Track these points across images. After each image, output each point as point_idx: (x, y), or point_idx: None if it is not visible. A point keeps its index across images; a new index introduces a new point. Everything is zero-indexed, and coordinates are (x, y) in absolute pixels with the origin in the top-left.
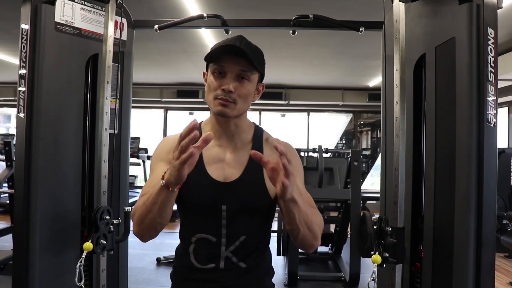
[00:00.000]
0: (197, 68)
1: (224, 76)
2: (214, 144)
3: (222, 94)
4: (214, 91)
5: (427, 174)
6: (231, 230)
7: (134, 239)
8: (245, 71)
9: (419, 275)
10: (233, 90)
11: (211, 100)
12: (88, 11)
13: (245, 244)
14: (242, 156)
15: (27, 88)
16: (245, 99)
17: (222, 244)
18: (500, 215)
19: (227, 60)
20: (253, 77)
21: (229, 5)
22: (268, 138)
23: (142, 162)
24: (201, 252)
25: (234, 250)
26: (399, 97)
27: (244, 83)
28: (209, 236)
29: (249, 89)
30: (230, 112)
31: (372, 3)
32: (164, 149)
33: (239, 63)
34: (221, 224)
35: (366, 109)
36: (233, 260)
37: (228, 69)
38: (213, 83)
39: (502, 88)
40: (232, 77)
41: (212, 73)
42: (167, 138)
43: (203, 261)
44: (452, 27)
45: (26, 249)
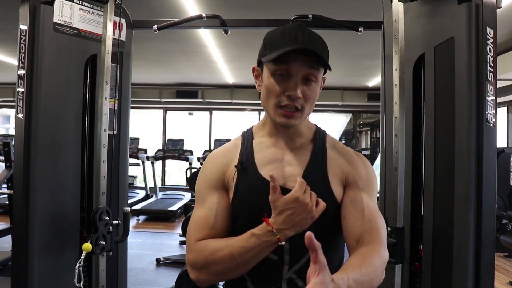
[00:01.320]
0: (196, 68)
1: (289, 79)
2: (269, 144)
3: (287, 101)
4: (277, 98)
5: (427, 174)
6: (295, 245)
7: (133, 239)
8: (314, 67)
9: (419, 275)
10: (301, 96)
11: (271, 107)
12: (86, 11)
13: None
14: (302, 155)
15: (25, 88)
16: (312, 103)
17: (285, 263)
18: (500, 215)
19: (292, 60)
20: (320, 75)
21: (228, 5)
22: (337, 144)
23: (142, 163)
24: (258, 275)
25: (299, 270)
26: (398, 97)
27: (312, 85)
28: (269, 254)
29: (316, 92)
30: (297, 122)
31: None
32: (212, 172)
33: (307, 63)
34: None
35: (365, 109)
36: (298, 283)
37: (293, 71)
38: (275, 88)
39: (501, 87)
40: (299, 80)
41: (272, 75)
42: (213, 157)
43: (261, 286)
44: (451, 27)
45: (25, 250)
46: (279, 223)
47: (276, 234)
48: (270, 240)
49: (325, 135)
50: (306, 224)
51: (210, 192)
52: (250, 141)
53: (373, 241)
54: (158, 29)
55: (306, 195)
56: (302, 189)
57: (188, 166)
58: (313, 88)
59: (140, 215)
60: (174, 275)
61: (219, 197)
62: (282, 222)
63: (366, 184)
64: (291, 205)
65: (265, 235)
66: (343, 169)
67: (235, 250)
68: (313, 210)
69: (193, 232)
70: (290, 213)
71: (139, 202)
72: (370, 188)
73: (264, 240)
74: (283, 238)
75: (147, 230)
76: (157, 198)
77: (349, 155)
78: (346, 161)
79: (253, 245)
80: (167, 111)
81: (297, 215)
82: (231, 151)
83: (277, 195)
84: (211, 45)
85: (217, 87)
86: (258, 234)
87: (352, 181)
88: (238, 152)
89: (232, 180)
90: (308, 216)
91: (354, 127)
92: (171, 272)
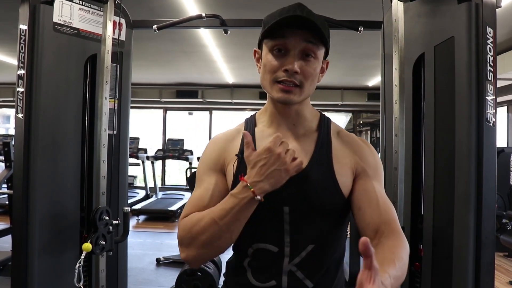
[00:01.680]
0: (196, 68)
1: (286, 54)
2: (271, 133)
3: (285, 76)
4: (273, 73)
5: (427, 173)
6: (296, 238)
7: (133, 239)
8: (312, 42)
9: (419, 274)
10: (299, 71)
11: (268, 84)
12: (86, 11)
13: (314, 255)
14: (307, 144)
15: (25, 88)
16: (311, 81)
17: (285, 255)
18: (500, 214)
19: (289, 34)
20: (320, 53)
21: (228, 5)
22: (341, 132)
23: (142, 163)
24: (259, 266)
25: (299, 263)
26: (398, 97)
27: (310, 61)
28: (269, 246)
29: (316, 68)
30: (296, 98)
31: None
32: (212, 155)
33: (304, 37)
34: (284, 229)
35: (365, 109)
36: (298, 276)
37: (291, 45)
38: (272, 63)
39: (501, 87)
40: (296, 54)
41: (270, 51)
42: (215, 141)
43: (262, 278)
44: (451, 27)
45: (25, 250)
46: (253, 176)
47: (250, 187)
48: (247, 196)
49: (329, 122)
50: (281, 177)
51: (208, 174)
52: (252, 129)
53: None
54: (158, 29)
55: (280, 147)
56: (276, 142)
57: (188, 166)
58: (312, 64)
59: (140, 215)
60: (174, 275)
61: (217, 179)
62: (256, 175)
63: (375, 172)
64: (263, 155)
65: (241, 192)
66: (349, 158)
67: (216, 214)
68: (286, 162)
69: (185, 210)
70: (262, 163)
71: (139, 202)
72: (379, 175)
73: (241, 197)
74: (258, 191)
75: (147, 230)
76: (157, 198)
77: (355, 143)
78: (352, 150)
79: (232, 205)
80: (167, 111)
81: (270, 166)
82: (234, 137)
83: (250, 151)
84: (211, 45)
85: (217, 87)
86: (235, 193)
87: (361, 171)
88: (239, 140)
89: (232, 168)
90: (282, 168)
91: (354, 126)
92: (171, 272)
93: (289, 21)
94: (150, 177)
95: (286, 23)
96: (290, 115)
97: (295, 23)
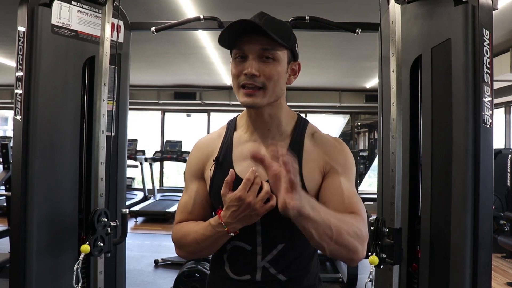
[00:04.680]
0: (194, 70)
1: (246, 60)
2: (247, 139)
3: (245, 79)
4: (237, 78)
5: (424, 175)
6: (267, 237)
7: (131, 241)
8: (268, 49)
9: (416, 275)
10: (257, 73)
11: (236, 89)
12: (84, 13)
13: (284, 253)
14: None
15: (24, 90)
16: (275, 82)
17: (258, 253)
18: (497, 216)
19: (245, 41)
20: (280, 55)
21: (226, 7)
22: (315, 133)
23: (140, 164)
24: (236, 262)
25: (272, 260)
26: (396, 98)
27: (270, 63)
28: (243, 244)
29: (277, 70)
30: (259, 101)
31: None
32: (194, 162)
33: (259, 41)
34: (256, 230)
35: (363, 110)
36: (271, 272)
37: (248, 51)
38: (235, 69)
39: (498, 88)
40: (254, 58)
41: (233, 59)
42: (198, 146)
43: (238, 272)
44: (448, 29)
45: (23, 251)
46: (227, 217)
47: (225, 226)
48: (221, 231)
49: (305, 125)
50: (252, 220)
51: (191, 180)
52: (231, 133)
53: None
54: (156, 31)
55: (250, 194)
56: (245, 188)
57: None
58: (273, 66)
59: (138, 216)
60: (172, 277)
61: (198, 186)
62: (229, 217)
63: (345, 169)
64: (234, 202)
65: (217, 226)
66: (319, 161)
67: (198, 236)
68: (256, 208)
69: (176, 215)
70: (234, 209)
71: (137, 203)
72: (348, 173)
73: (217, 230)
74: (231, 230)
75: (145, 232)
76: (155, 199)
77: (327, 144)
78: (324, 151)
79: (210, 234)
80: (165, 113)
81: (241, 212)
82: (214, 142)
83: (226, 190)
84: (209, 46)
85: (215, 89)
86: (213, 225)
87: (330, 169)
88: (220, 143)
89: (209, 173)
90: (252, 214)
91: (352, 128)
92: (169, 273)
93: (240, 28)
94: (148, 178)
95: (239, 31)
96: (264, 119)
97: (251, 30)
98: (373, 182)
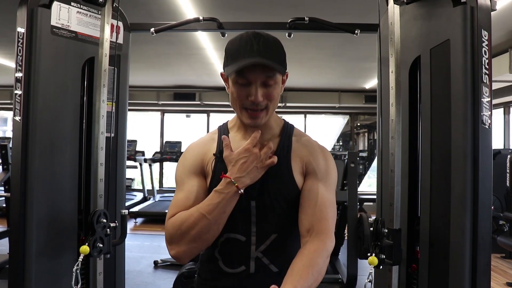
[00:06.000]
0: (194, 71)
1: (249, 85)
2: (241, 139)
3: (250, 105)
4: (241, 101)
5: (423, 175)
6: (261, 228)
7: (131, 242)
8: (270, 76)
9: (416, 276)
10: (262, 99)
11: (238, 109)
12: (84, 14)
13: (277, 243)
14: None
15: (23, 91)
16: (275, 101)
17: (252, 243)
18: (497, 216)
19: (249, 71)
20: (278, 78)
21: (225, 8)
22: (302, 137)
23: (139, 165)
24: (229, 254)
25: (265, 250)
26: (395, 99)
27: (271, 87)
28: (238, 236)
29: (277, 91)
30: (263, 121)
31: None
32: (191, 160)
33: (263, 71)
34: (251, 221)
35: (362, 111)
36: (264, 262)
37: (252, 79)
38: (238, 93)
39: (498, 89)
40: (258, 86)
41: (234, 84)
42: (192, 147)
43: (232, 264)
44: (446, 30)
45: (22, 252)
46: (235, 172)
47: (235, 182)
48: (231, 190)
49: (292, 129)
50: (258, 172)
51: (190, 177)
52: (226, 134)
53: (321, 232)
54: (155, 32)
55: (256, 148)
56: (252, 142)
57: None
58: (273, 89)
59: (137, 217)
60: (171, 278)
61: (199, 181)
62: (238, 171)
63: (324, 175)
64: (243, 154)
65: (226, 187)
66: (303, 159)
67: (204, 209)
68: (262, 160)
69: (169, 211)
70: (243, 161)
71: (137, 204)
72: (327, 179)
73: (226, 192)
74: (241, 185)
75: (144, 233)
76: (155, 200)
77: (312, 147)
78: (308, 152)
79: (219, 200)
80: (164, 114)
81: (250, 163)
82: (208, 143)
83: (229, 151)
84: (209, 47)
85: (214, 89)
86: (220, 189)
87: (311, 171)
88: (214, 144)
89: (211, 166)
90: (259, 165)
91: (351, 129)
92: (168, 274)
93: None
94: (148, 179)
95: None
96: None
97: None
98: (373, 183)
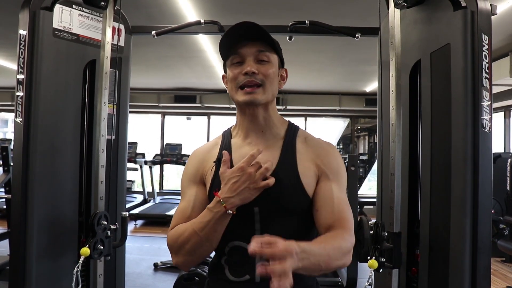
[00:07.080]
0: (194, 73)
1: (243, 62)
2: (243, 142)
3: (245, 79)
4: (236, 80)
5: (423, 179)
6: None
7: (131, 244)
8: (263, 51)
9: (416, 280)
10: (257, 71)
11: (235, 92)
12: (86, 17)
13: None
14: (274, 149)
15: (24, 93)
16: (271, 82)
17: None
18: (497, 220)
19: (242, 47)
20: (273, 58)
21: (227, 11)
22: (307, 138)
23: (140, 167)
24: (235, 263)
25: None
26: (395, 103)
27: (265, 64)
28: (242, 243)
29: (273, 71)
30: (259, 97)
31: (368, 9)
32: (192, 168)
33: (255, 45)
34: (255, 228)
35: (363, 114)
36: None
37: (245, 54)
38: (233, 73)
39: (498, 93)
40: (252, 60)
41: (231, 66)
42: (195, 154)
43: (237, 273)
44: (447, 34)
45: (23, 254)
46: (225, 192)
47: (223, 203)
48: (220, 210)
49: (296, 130)
50: (251, 194)
51: (189, 186)
52: (229, 139)
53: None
54: (156, 35)
55: (252, 167)
56: (248, 161)
57: None
58: (268, 67)
59: (138, 219)
60: (171, 280)
61: (197, 190)
62: (228, 191)
63: (336, 175)
64: (235, 174)
65: (215, 207)
66: (314, 162)
67: (196, 226)
68: (256, 180)
69: (172, 222)
70: (234, 181)
71: (137, 206)
72: (340, 178)
73: (215, 211)
74: (229, 206)
75: (145, 235)
76: (155, 202)
77: (320, 147)
78: (316, 154)
79: (209, 218)
80: (165, 116)
81: (241, 184)
82: (211, 149)
83: (225, 168)
84: (209, 50)
85: (215, 92)
86: (211, 207)
87: (322, 173)
88: (217, 149)
89: (210, 174)
90: (252, 186)
91: (352, 132)
92: (168, 276)
93: (238, 32)
94: (148, 182)
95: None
96: (258, 122)
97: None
98: (373, 186)
